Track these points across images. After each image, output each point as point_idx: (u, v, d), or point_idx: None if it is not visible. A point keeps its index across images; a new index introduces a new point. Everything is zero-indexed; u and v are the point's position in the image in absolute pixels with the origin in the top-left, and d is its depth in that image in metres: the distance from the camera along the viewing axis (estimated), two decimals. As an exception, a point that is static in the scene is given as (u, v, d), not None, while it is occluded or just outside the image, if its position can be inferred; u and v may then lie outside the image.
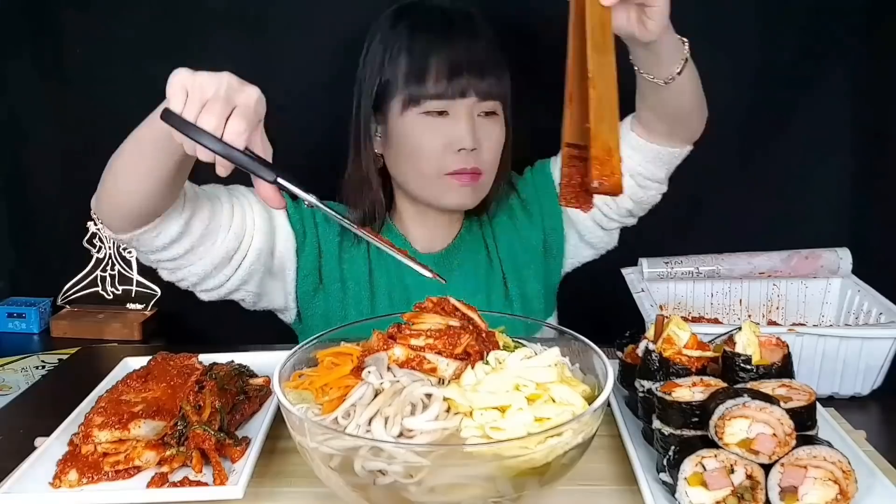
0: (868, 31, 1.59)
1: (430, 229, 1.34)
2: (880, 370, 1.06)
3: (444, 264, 1.33)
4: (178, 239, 1.09)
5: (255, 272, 1.20)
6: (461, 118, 1.19)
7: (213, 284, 1.18)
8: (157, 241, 1.08)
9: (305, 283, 1.28)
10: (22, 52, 1.66)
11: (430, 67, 1.18)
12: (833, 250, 1.24)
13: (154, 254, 1.12)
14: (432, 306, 0.89)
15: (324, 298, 1.30)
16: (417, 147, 1.21)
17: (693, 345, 0.88)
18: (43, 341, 1.62)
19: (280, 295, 1.29)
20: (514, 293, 1.35)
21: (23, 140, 1.71)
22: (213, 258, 1.14)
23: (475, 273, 1.34)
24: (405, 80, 1.19)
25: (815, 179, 1.69)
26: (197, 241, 1.11)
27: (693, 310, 1.28)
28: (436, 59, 1.18)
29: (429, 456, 0.69)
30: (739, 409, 0.74)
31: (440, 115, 1.19)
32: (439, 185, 1.22)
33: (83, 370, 1.23)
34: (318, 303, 1.30)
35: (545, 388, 0.78)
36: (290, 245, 1.25)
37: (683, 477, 0.74)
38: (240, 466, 0.83)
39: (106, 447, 0.84)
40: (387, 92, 1.22)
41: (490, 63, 1.20)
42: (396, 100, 1.20)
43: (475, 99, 1.19)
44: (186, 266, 1.14)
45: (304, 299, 1.30)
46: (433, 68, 1.17)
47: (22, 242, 1.76)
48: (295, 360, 0.85)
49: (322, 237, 1.28)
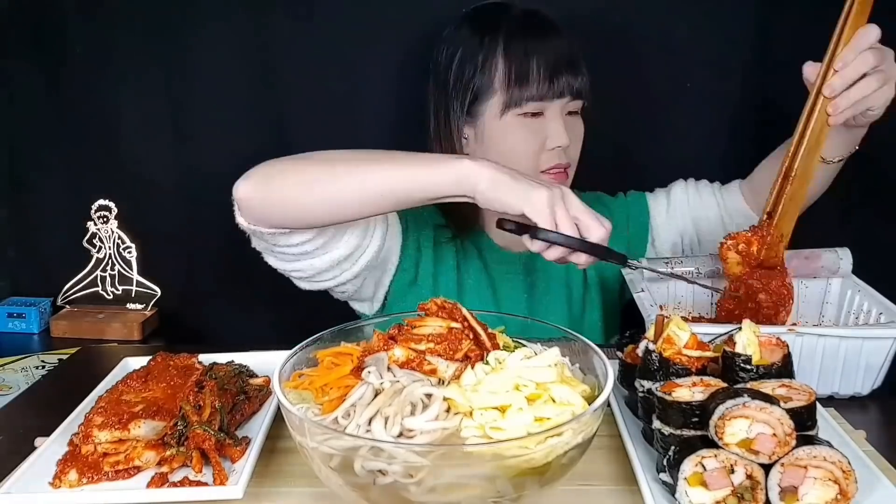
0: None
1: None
2: (880, 370, 1.06)
3: (531, 263, 1.36)
4: (312, 238, 1.10)
5: (370, 268, 1.22)
6: (556, 117, 1.23)
7: (328, 277, 1.19)
8: (293, 238, 1.09)
9: (404, 276, 1.30)
10: (23, 52, 1.65)
11: (532, 69, 1.20)
12: (833, 250, 1.24)
13: (282, 246, 1.11)
14: (436, 309, 0.89)
15: (416, 292, 1.31)
16: (514, 147, 1.23)
17: (693, 345, 0.88)
18: (43, 341, 1.61)
19: (371, 286, 1.29)
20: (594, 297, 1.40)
21: (23, 140, 1.71)
22: (339, 254, 1.15)
23: (557, 274, 1.37)
24: (506, 83, 1.21)
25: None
26: (328, 238, 1.12)
27: (693, 310, 1.28)
28: (536, 61, 1.20)
29: (429, 456, 0.69)
30: (739, 409, 0.74)
31: (534, 116, 1.23)
32: None
33: (83, 370, 1.23)
34: (409, 297, 1.31)
35: (545, 388, 0.78)
36: (397, 239, 1.27)
37: (683, 477, 0.74)
38: (240, 466, 0.83)
39: (106, 447, 0.84)
40: (480, 96, 1.24)
41: (580, 61, 1.24)
42: (493, 102, 1.23)
43: (569, 98, 1.23)
44: (309, 259, 1.14)
45: (398, 292, 1.31)
46: (534, 70, 1.20)
47: (22, 242, 1.76)
48: (295, 360, 0.85)
49: (421, 232, 1.31)
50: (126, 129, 1.66)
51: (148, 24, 1.62)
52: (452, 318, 0.87)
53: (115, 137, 1.66)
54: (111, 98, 1.65)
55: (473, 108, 1.25)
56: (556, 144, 1.23)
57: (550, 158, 1.24)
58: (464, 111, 1.26)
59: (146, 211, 1.65)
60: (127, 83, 1.64)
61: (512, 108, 1.22)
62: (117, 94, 1.65)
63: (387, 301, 1.33)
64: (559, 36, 1.24)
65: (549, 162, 1.24)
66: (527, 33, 1.23)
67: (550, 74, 1.20)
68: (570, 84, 1.22)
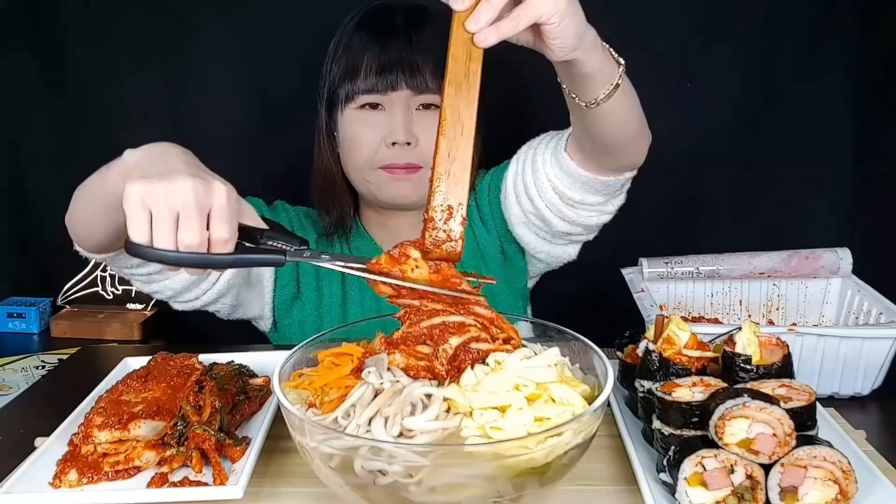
0: (869, 30, 1.59)
1: (393, 231, 1.33)
2: (880, 370, 1.06)
3: None
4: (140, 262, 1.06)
5: (234, 286, 1.19)
6: (395, 111, 1.20)
7: (189, 297, 1.16)
8: (131, 260, 1.06)
9: (284, 293, 1.29)
10: (22, 53, 1.66)
11: (362, 64, 1.20)
12: (833, 250, 1.24)
13: (129, 269, 1.10)
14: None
15: (300, 307, 1.30)
16: (354, 141, 1.23)
17: (693, 345, 0.88)
18: (43, 341, 1.62)
19: (257, 305, 1.29)
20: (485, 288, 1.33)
21: (23, 140, 1.71)
22: (186, 274, 1.11)
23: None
24: (341, 78, 1.22)
25: (815, 179, 1.69)
26: None
27: (693, 310, 1.28)
28: (367, 55, 1.20)
29: (429, 456, 0.69)
30: (739, 410, 0.74)
31: (374, 109, 1.22)
32: (375, 178, 1.24)
33: (83, 370, 1.23)
34: (294, 311, 1.30)
35: (545, 388, 0.77)
36: None
37: (683, 477, 0.74)
38: (240, 466, 0.83)
39: (106, 447, 0.84)
40: (334, 91, 1.25)
41: (429, 57, 1.19)
42: (338, 97, 1.24)
43: (409, 92, 1.20)
44: (161, 280, 1.12)
45: (282, 308, 1.30)
46: (364, 64, 1.20)
47: (22, 243, 1.76)
48: (295, 360, 0.85)
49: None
50: (126, 128, 1.66)
51: (148, 24, 1.62)
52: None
53: (115, 137, 1.65)
54: (111, 97, 1.65)
55: (331, 102, 1.26)
56: (393, 140, 1.20)
57: (390, 155, 1.21)
58: (324, 104, 1.27)
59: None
60: (127, 83, 1.65)
61: (348, 101, 1.22)
62: (118, 94, 1.65)
63: (275, 317, 1.31)
64: (414, 31, 1.20)
65: (387, 158, 1.21)
66: (369, 29, 1.22)
67: (380, 68, 1.19)
68: (406, 79, 1.19)
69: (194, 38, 1.63)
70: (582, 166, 1.10)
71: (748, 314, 1.27)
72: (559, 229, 1.20)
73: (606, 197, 1.15)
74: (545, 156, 1.16)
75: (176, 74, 1.64)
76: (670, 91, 1.62)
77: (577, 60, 0.87)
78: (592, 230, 1.24)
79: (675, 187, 1.65)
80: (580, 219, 1.18)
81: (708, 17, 1.60)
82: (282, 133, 1.62)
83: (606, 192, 1.14)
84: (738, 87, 1.64)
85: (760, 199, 1.69)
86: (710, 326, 1.13)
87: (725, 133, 1.67)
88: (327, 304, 1.30)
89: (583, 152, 1.09)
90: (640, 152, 1.09)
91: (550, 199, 1.16)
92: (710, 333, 0.93)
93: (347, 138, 1.24)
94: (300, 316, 1.30)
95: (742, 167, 1.69)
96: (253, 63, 1.64)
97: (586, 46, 0.85)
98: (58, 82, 1.66)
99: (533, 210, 1.20)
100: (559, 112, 1.04)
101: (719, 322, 1.26)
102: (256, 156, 1.68)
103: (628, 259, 1.37)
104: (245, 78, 1.65)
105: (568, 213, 1.17)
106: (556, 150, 1.14)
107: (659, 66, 1.59)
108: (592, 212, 1.17)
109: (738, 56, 1.62)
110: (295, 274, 1.30)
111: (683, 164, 1.45)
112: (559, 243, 1.28)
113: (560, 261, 1.33)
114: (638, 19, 1.59)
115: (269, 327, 1.34)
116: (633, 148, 1.07)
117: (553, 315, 0.93)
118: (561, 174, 1.13)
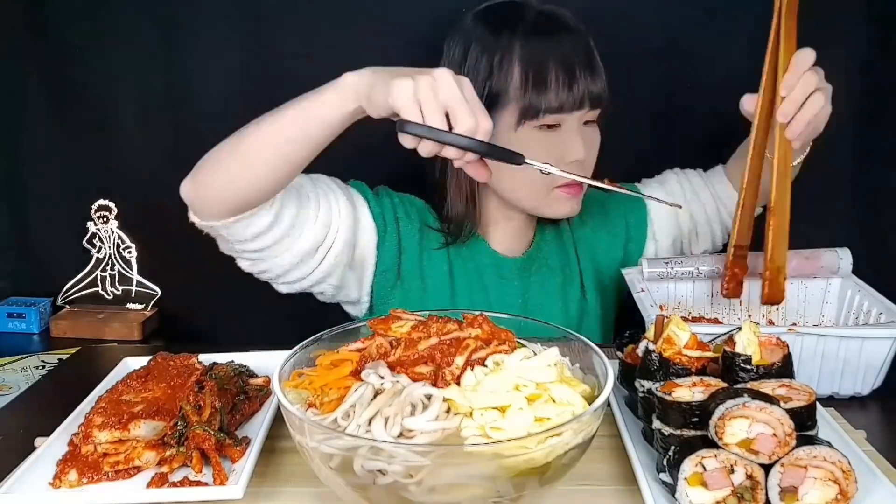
0: (869, 30, 1.59)
1: (511, 234, 1.33)
2: (880, 370, 1.06)
3: (526, 268, 1.34)
4: (268, 230, 1.08)
5: (339, 265, 1.19)
6: (573, 130, 1.17)
7: (297, 276, 1.17)
8: (248, 230, 1.07)
9: (384, 278, 1.27)
10: (22, 51, 1.65)
11: (549, 77, 1.13)
12: (833, 250, 1.24)
13: (241, 244, 1.10)
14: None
15: (402, 294, 1.28)
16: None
17: (693, 345, 0.88)
18: (43, 341, 1.61)
19: (355, 288, 1.28)
20: (591, 302, 1.36)
21: (23, 139, 1.71)
22: (299, 250, 1.13)
23: (552, 279, 1.35)
24: (522, 91, 1.14)
25: (814, 179, 1.68)
26: (285, 231, 1.10)
27: (693, 310, 1.28)
28: (554, 67, 1.14)
29: (429, 455, 0.69)
30: (739, 410, 0.74)
31: (551, 129, 1.17)
32: (549, 197, 1.22)
33: (83, 370, 1.23)
34: (395, 299, 1.27)
35: (545, 388, 0.78)
36: (371, 239, 1.24)
37: (683, 477, 0.74)
38: (240, 466, 0.83)
39: (106, 447, 0.84)
40: (494, 101, 1.16)
41: (599, 66, 1.18)
42: (507, 112, 1.16)
43: (587, 109, 1.17)
44: (272, 257, 1.13)
45: (381, 294, 1.28)
46: (552, 77, 1.13)
47: (22, 242, 1.75)
48: (295, 360, 0.85)
49: (403, 233, 1.27)
50: (126, 128, 1.66)
51: (148, 24, 1.62)
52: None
53: (115, 137, 1.65)
54: (111, 97, 1.65)
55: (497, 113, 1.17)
56: (574, 159, 1.17)
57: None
58: None
59: (146, 211, 1.65)
60: (127, 83, 1.64)
61: (528, 119, 1.15)
62: (118, 94, 1.65)
63: (373, 303, 1.30)
64: (577, 39, 1.17)
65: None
66: (544, 36, 1.16)
67: (569, 81, 1.14)
68: (590, 91, 1.15)
69: (196, 39, 1.63)
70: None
71: (748, 314, 1.27)
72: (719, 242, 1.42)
73: None
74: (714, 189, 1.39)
75: (178, 76, 1.63)
76: (669, 87, 1.61)
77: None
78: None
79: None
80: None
81: (709, 16, 1.60)
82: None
83: None
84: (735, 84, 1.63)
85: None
86: (710, 326, 1.13)
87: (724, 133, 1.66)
88: (432, 296, 1.28)
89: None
90: None
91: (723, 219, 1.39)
92: (710, 333, 0.93)
93: None
94: (402, 304, 1.26)
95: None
96: (257, 62, 1.64)
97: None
98: (58, 83, 1.66)
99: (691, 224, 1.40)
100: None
101: (719, 322, 1.26)
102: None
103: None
104: (249, 78, 1.65)
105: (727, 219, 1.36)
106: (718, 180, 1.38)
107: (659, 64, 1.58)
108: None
109: (738, 56, 1.62)
110: (396, 261, 1.27)
111: (682, 163, 1.45)
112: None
113: None
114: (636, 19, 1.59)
115: (365, 312, 1.32)
116: None
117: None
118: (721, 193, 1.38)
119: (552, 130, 1.17)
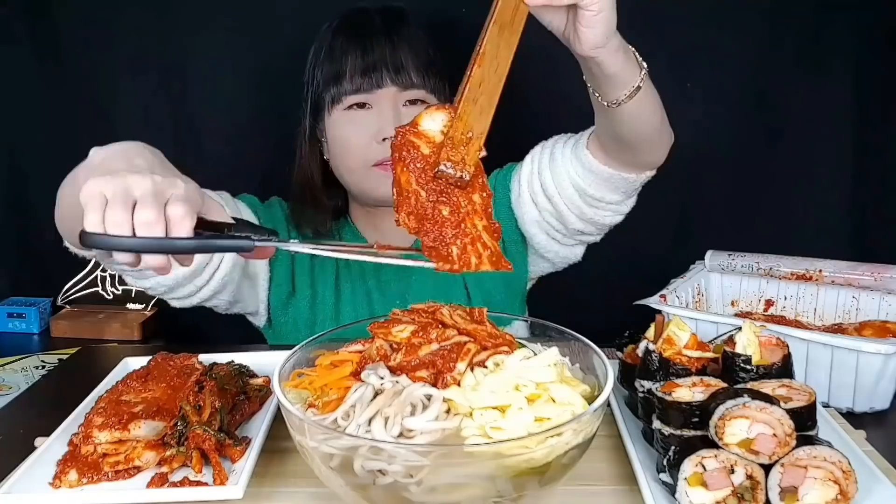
0: (870, 29, 1.59)
1: (384, 232, 1.33)
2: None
3: (402, 269, 1.29)
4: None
5: (230, 282, 1.18)
6: (383, 108, 1.22)
7: (185, 293, 1.15)
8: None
9: (279, 290, 1.29)
10: (21, 53, 1.65)
11: (346, 66, 1.21)
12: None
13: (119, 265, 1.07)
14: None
15: (295, 305, 1.30)
16: (346, 141, 1.23)
17: (693, 345, 0.88)
18: (43, 341, 1.62)
19: (253, 301, 1.29)
20: (475, 300, 1.33)
21: (23, 140, 1.71)
22: (180, 272, 1.10)
23: (434, 278, 1.28)
24: (326, 82, 1.23)
25: (815, 179, 1.69)
26: None
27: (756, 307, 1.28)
28: (350, 58, 1.21)
29: (429, 455, 0.69)
30: (739, 410, 0.74)
31: (362, 109, 1.23)
32: (369, 176, 1.24)
33: (83, 370, 1.23)
34: (289, 309, 1.30)
35: (545, 388, 0.78)
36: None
37: (683, 477, 0.74)
38: (240, 466, 0.83)
39: (106, 447, 0.84)
40: (319, 96, 1.25)
41: (411, 55, 1.22)
42: (324, 101, 1.24)
43: (395, 89, 1.21)
44: (153, 276, 1.09)
45: (277, 306, 1.30)
46: (348, 68, 1.21)
47: (22, 242, 1.76)
48: (295, 360, 0.85)
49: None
50: (126, 128, 1.66)
51: (148, 24, 1.62)
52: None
53: (115, 137, 1.65)
54: (111, 97, 1.65)
55: (318, 109, 1.26)
56: (384, 136, 1.20)
57: (382, 151, 1.21)
58: (308, 110, 1.28)
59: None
60: (127, 83, 1.65)
61: (335, 104, 1.23)
62: (117, 93, 1.65)
63: (270, 315, 1.32)
64: (393, 31, 1.23)
65: (379, 154, 1.22)
66: (349, 32, 1.24)
67: (363, 70, 1.20)
68: (391, 76, 1.21)
69: (195, 39, 1.63)
70: (604, 163, 1.15)
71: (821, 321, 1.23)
72: (574, 227, 1.24)
73: (624, 196, 1.21)
74: (565, 154, 1.20)
75: (177, 76, 1.64)
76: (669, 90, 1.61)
77: (601, 61, 0.92)
78: (603, 230, 1.28)
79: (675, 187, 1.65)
80: (597, 217, 1.22)
81: (708, 17, 1.60)
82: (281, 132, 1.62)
83: (625, 190, 1.19)
84: (737, 84, 1.64)
85: (759, 199, 1.69)
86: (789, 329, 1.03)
87: (724, 133, 1.67)
88: (321, 302, 1.30)
89: (605, 150, 1.14)
90: (661, 152, 1.14)
91: (570, 196, 1.20)
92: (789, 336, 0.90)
93: (337, 140, 1.24)
94: (294, 313, 1.30)
95: (741, 167, 1.69)
96: (256, 62, 1.64)
97: (611, 48, 0.91)
98: (57, 82, 1.66)
99: (550, 208, 1.24)
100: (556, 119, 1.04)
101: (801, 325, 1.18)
102: (255, 154, 1.68)
103: (627, 259, 1.37)
104: (248, 78, 1.65)
105: (586, 211, 1.21)
106: (577, 148, 1.18)
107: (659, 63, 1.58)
108: (608, 211, 1.22)
109: (739, 55, 1.62)
110: (290, 273, 1.30)
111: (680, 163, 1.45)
112: (568, 244, 1.31)
113: (566, 262, 1.36)
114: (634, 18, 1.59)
115: (264, 324, 1.34)
116: (653, 147, 1.12)
117: (553, 315, 0.92)
118: (582, 171, 1.17)
119: (363, 110, 1.23)
